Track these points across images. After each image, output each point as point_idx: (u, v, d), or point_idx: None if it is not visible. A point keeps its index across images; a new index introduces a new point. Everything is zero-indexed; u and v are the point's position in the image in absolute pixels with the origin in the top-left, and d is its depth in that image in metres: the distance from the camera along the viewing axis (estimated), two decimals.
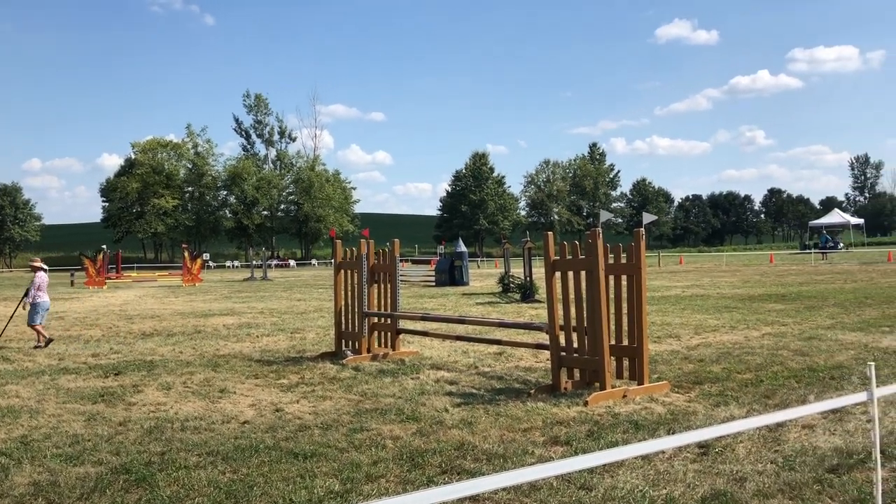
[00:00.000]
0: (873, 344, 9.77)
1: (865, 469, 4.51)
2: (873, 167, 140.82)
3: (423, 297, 22.40)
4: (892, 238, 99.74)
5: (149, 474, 4.90)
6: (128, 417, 6.61)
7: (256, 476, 4.84)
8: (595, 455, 2.82)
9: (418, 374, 8.48)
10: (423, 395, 7.25)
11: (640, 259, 7.17)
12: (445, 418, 6.28)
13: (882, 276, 24.70)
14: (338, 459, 5.16)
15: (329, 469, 4.95)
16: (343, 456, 5.24)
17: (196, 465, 5.12)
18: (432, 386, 7.78)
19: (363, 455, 5.24)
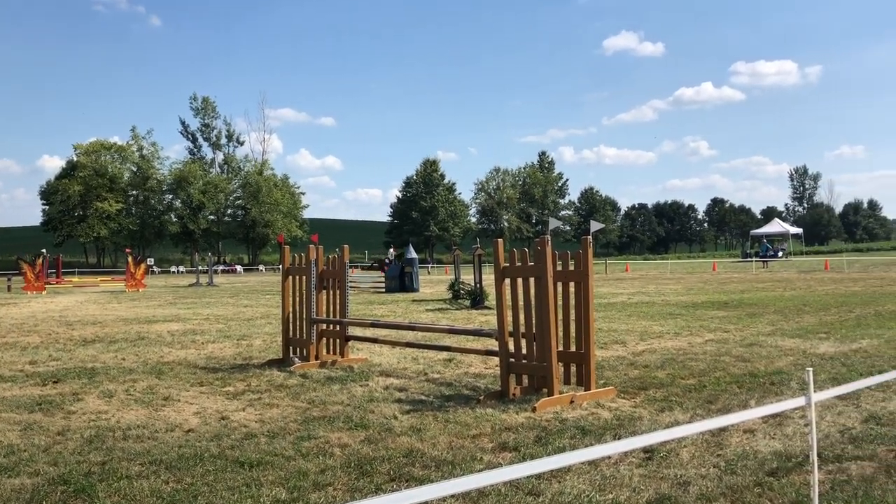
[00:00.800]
0: (811, 350, 10.06)
1: (803, 472, 4.64)
2: (811, 178, 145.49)
3: (373, 303, 22.31)
4: (829, 247, 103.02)
5: (88, 485, 4.76)
6: (67, 427, 6.42)
7: (201, 485, 4.75)
8: (543, 461, 2.84)
9: (367, 381, 8.44)
10: (371, 403, 7.22)
11: (588, 266, 7.27)
12: (394, 425, 6.26)
13: (819, 284, 25.47)
14: (284, 468, 5.10)
15: (276, 478, 4.88)
16: (290, 464, 5.18)
17: (138, 474, 5.00)
18: (381, 393, 7.75)
19: (310, 463, 5.19)
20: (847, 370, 8.39)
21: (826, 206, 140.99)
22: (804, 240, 78.82)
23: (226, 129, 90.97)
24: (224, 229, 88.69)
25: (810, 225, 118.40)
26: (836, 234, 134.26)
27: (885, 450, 5.21)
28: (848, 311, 15.49)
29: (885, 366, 8.46)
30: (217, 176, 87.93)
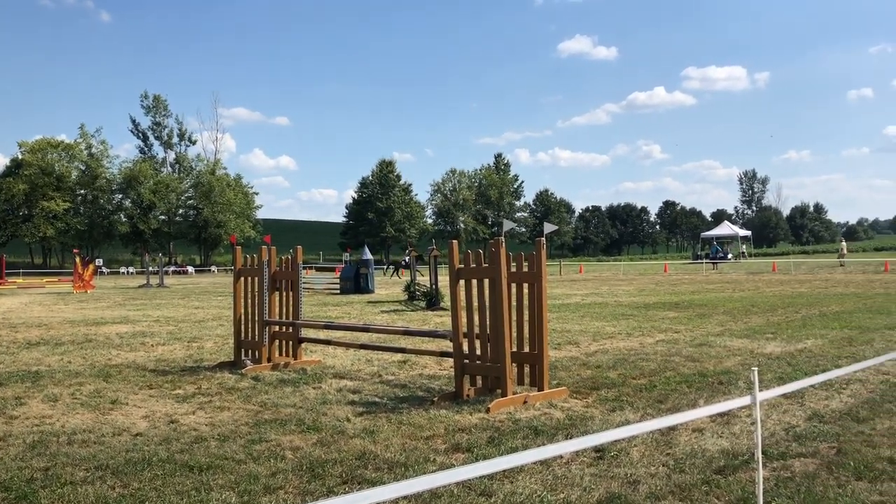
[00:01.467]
0: (758, 350, 10.29)
1: (749, 469, 4.74)
2: (760, 182, 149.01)
3: (328, 304, 22.16)
4: (777, 249, 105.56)
5: (30, 491, 4.64)
6: (9, 432, 6.24)
7: (149, 490, 4.66)
8: (494, 461, 2.85)
9: (320, 384, 8.37)
10: (324, 405, 7.16)
11: (542, 268, 7.32)
12: (347, 427, 6.22)
13: (767, 286, 26.07)
14: (235, 471, 5.03)
15: (226, 481, 4.81)
16: (241, 468, 5.11)
17: (83, 480, 4.88)
18: (334, 395, 7.70)
19: (262, 466, 5.12)
20: (792, 370, 8.60)
21: (774, 210, 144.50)
22: (753, 242, 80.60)
23: (177, 127, 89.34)
24: (175, 230, 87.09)
25: (759, 227, 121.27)
26: (783, 236, 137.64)
27: (827, 447, 5.35)
28: (794, 311, 15.88)
29: (829, 365, 8.70)
30: (168, 175, 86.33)
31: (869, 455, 5.08)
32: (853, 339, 11.04)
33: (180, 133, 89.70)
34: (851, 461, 4.94)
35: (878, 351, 9.74)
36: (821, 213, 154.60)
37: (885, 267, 37.20)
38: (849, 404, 6.68)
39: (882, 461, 4.94)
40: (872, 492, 4.39)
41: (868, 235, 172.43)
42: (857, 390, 7.29)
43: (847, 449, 5.25)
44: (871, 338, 11.17)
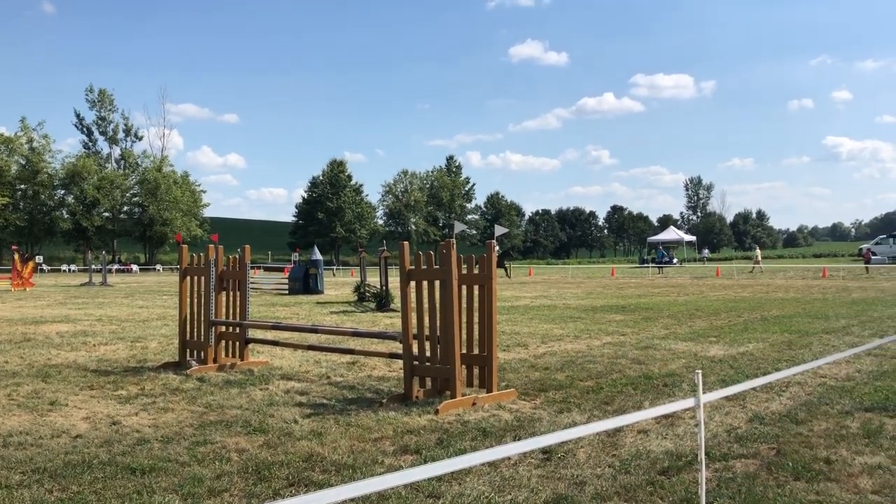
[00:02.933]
0: (702, 353, 10.50)
1: (692, 470, 4.83)
2: (705, 188, 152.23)
3: (276, 305, 21.90)
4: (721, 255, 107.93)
5: None
6: None
7: (88, 494, 4.54)
8: (443, 463, 2.84)
9: (267, 385, 8.27)
10: (271, 406, 7.07)
11: (492, 270, 7.35)
12: (294, 429, 6.15)
13: (711, 290, 26.63)
14: (179, 474, 4.93)
15: (169, 484, 4.72)
16: (184, 470, 5.01)
17: (20, 483, 4.73)
18: (282, 397, 7.61)
19: (206, 469, 5.03)
20: (735, 372, 8.79)
21: (718, 215, 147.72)
22: (697, 247, 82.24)
23: (123, 123, 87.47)
24: (120, 227, 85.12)
25: (703, 233, 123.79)
26: (727, 241, 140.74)
27: (767, 448, 5.48)
28: (737, 315, 16.26)
29: (770, 368, 8.92)
30: (113, 171, 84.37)
31: (806, 456, 5.23)
32: (793, 343, 11.35)
33: (126, 129, 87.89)
34: (790, 462, 5.08)
35: (816, 354, 10.02)
36: (763, 220, 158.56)
37: (823, 273, 38.36)
38: (788, 406, 6.86)
39: (819, 461, 5.08)
40: (809, 491, 4.51)
41: (808, 242, 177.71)
42: (796, 393, 7.50)
43: (786, 450, 5.38)
44: (810, 342, 11.50)
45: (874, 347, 9.26)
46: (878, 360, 9.40)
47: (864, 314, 16.02)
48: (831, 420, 6.29)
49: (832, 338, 11.96)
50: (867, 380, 8.10)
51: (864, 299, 20.63)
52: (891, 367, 8.79)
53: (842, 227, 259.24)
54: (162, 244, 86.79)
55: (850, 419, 6.30)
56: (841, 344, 11.10)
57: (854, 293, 23.40)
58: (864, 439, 5.65)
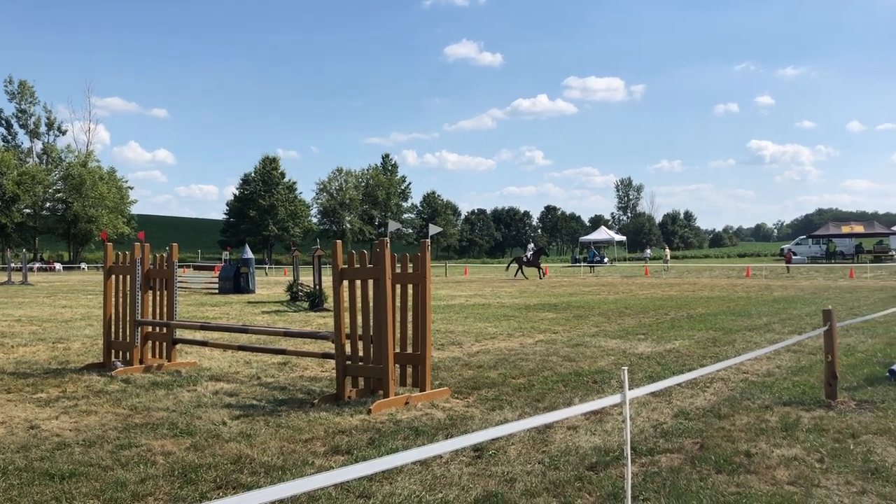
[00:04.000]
0: (630, 350, 10.73)
1: (619, 465, 4.93)
2: (635, 189, 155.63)
3: (206, 305, 21.46)
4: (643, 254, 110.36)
5: None
6: None
7: (3, 501, 4.36)
8: (372, 462, 2.83)
9: (195, 386, 8.09)
10: (199, 408, 6.92)
11: (426, 269, 7.36)
12: (223, 431, 6.04)
13: (640, 289, 27.23)
14: (101, 478, 4.78)
15: (90, 489, 4.57)
16: (107, 475, 4.87)
17: None
18: (210, 398, 7.45)
19: (130, 473, 4.89)
20: (662, 369, 9.01)
21: (647, 216, 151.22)
22: (627, 246, 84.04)
23: (45, 116, 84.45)
24: (42, 224, 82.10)
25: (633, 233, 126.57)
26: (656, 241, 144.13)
27: (691, 442, 5.64)
28: (664, 313, 16.66)
29: (695, 364, 9.18)
30: (35, 166, 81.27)
31: (728, 449, 5.39)
32: (717, 340, 11.70)
33: (48, 122, 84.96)
34: (713, 455, 5.23)
35: (739, 351, 10.35)
36: (690, 221, 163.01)
37: (746, 272, 39.66)
38: (712, 401, 7.07)
39: (740, 455, 5.25)
40: (730, 484, 4.65)
41: (733, 242, 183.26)
42: (720, 388, 7.73)
43: (709, 444, 5.55)
44: (734, 339, 11.87)
45: (793, 343, 9.61)
46: (797, 355, 9.77)
47: (785, 312, 16.63)
48: (752, 414, 6.50)
49: (754, 335, 12.37)
50: (786, 375, 8.41)
51: (784, 297, 21.41)
52: (808, 363, 9.15)
53: (765, 228, 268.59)
54: (87, 242, 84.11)
55: (770, 413, 6.53)
56: (762, 341, 11.49)
57: (776, 292, 24.27)
58: (782, 432, 5.86)
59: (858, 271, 36.61)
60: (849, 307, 17.27)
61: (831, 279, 32.33)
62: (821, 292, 23.52)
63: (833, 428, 5.96)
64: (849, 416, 6.33)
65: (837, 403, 6.79)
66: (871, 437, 5.67)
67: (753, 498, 4.37)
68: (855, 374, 8.32)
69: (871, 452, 5.27)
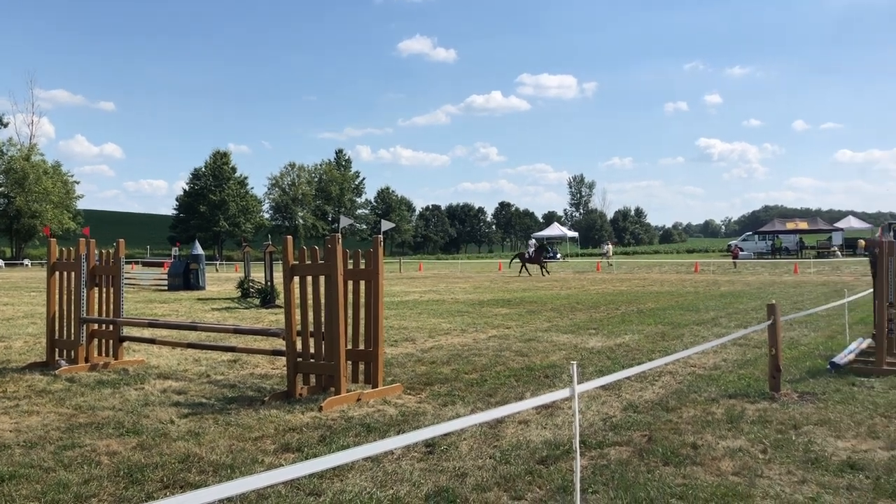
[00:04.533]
0: (581, 345, 10.85)
1: (569, 458, 4.98)
2: (587, 186, 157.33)
3: (154, 301, 21.06)
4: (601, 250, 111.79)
5: None
6: None
7: None
8: (321, 459, 2.80)
9: (143, 385, 7.94)
10: (146, 407, 6.79)
11: (378, 265, 7.33)
12: (171, 430, 5.93)
13: (591, 284, 27.55)
14: (42, 480, 4.66)
15: (31, 492, 4.45)
16: (49, 476, 4.74)
17: None
18: (158, 396, 7.32)
19: (73, 474, 4.78)
20: (611, 363, 9.13)
21: (599, 213, 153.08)
22: (580, 243, 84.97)
23: None
24: None
25: (585, 229, 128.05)
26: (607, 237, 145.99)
27: (639, 435, 5.73)
28: (615, 308, 16.89)
29: (644, 358, 9.32)
30: None
31: (675, 442, 5.49)
32: (666, 334, 11.90)
33: None
34: (660, 448, 5.32)
35: (687, 345, 10.55)
36: (641, 217, 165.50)
37: (695, 268, 40.42)
38: (660, 395, 7.19)
39: (686, 447, 5.35)
40: (677, 475, 4.74)
41: (682, 238, 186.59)
42: (668, 382, 7.87)
43: (657, 436, 5.64)
44: (682, 333, 12.09)
45: (739, 337, 9.83)
46: (743, 349, 10.00)
47: (731, 306, 16.99)
48: (699, 407, 6.63)
49: (702, 329, 12.62)
50: (732, 368, 8.59)
51: (731, 292, 21.88)
52: (753, 356, 9.36)
53: (713, 225, 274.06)
54: (31, 238, 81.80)
55: (716, 406, 6.66)
56: (710, 335, 11.73)
57: (723, 287, 24.78)
58: (728, 424, 5.99)
59: (802, 267, 37.59)
60: (793, 302, 17.73)
61: (776, 274, 33.15)
62: (766, 287, 24.10)
63: (776, 419, 6.11)
64: (791, 408, 6.50)
65: (781, 396, 6.97)
66: (812, 428, 5.83)
67: (699, 489, 4.46)
68: (798, 366, 8.55)
69: (812, 443, 5.43)
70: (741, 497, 4.32)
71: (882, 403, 6.62)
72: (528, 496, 4.40)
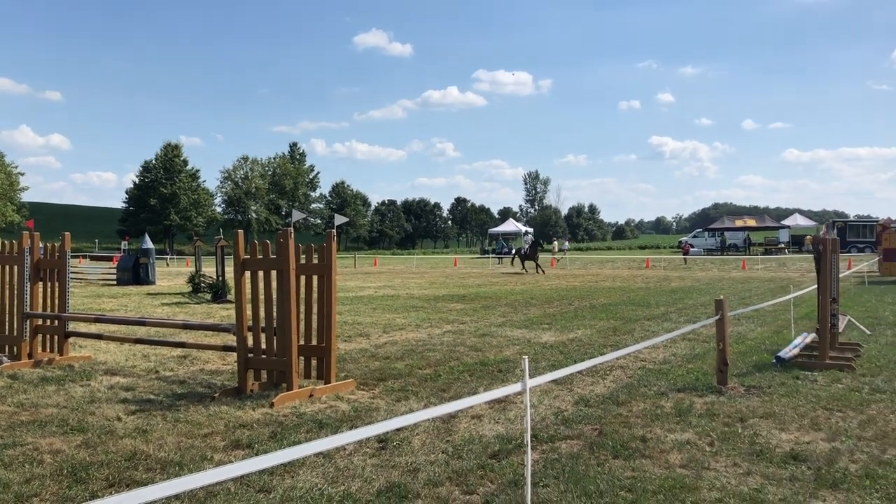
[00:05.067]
0: (535, 339, 10.93)
1: (521, 453, 5.00)
2: (542, 182, 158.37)
3: (103, 296, 20.60)
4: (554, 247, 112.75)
5: None
6: None
7: None
8: (272, 455, 2.77)
9: (89, 381, 7.76)
10: (92, 404, 6.64)
11: (331, 260, 7.27)
12: (117, 427, 5.81)
13: (545, 280, 27.77)
14: None
15: None
16: None
17: None
18: (105, 393, 7.16)
19: (14, 473, 4.65)
20: (564, 357, 9.21)
21: (554, 209, 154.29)
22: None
23: None
24: None
25: (540, 225, 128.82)
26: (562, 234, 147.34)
27: (590, 429, 5.79)
28: (568, 304, 17.06)
29: (596, 353, 9.43)
30: None
31: (625, 435, 5.57)
32: (617, 329, 12.06)
33: None
34: (610, 441, 5.39)
35: (637, 339, 10.70)
36: (594, 214, 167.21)
37: (646, 264, 41.04)
38: (611, 389, 7.28)
39: (636, 440, 5.43)
40: (627, 468, 4.81)
41: (634, 235, 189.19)
42: (619, 376, 7.97)
43: (607, 430, 5.71)
44: (633, 328, 12.26)
45: (688, 332, 10.02)
46: (692, 343, 10.18)
47: (681, 302, 17.30)
48: (648, 401, 6.74)
49: (652, 324, 12.82)
50: (681, 362, 8.74)
51: (681, 288, 22.27)
52: (702, 351, 9.54)
53: (664, 221, 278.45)
54: None
55: (665, 399, 6.77)
56: (660, 329, 11.92)
57: (673, 282, 25.21)
58: (676, 418, 6.09)
59: (750, 263, 38.44)
60: (741, 297, 18.12)
61: (725, 270, 33.84)
62: (715, 283, 24.58)
63: (723, 413, 6.23)
64: (738, 401, 6.64)
65: (728, 389, 7.11)
66: (757, 421, 5.97)
67: (647, 482, 4.53)
68: (745, 360, 8.74)
69: (758, 435, 5.55)
70: (688, 489, 4.40)
71: (824, 396, 6.81)
72: (480, 490, 4.42)
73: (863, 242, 50.73)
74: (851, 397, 6.77)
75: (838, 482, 4.51)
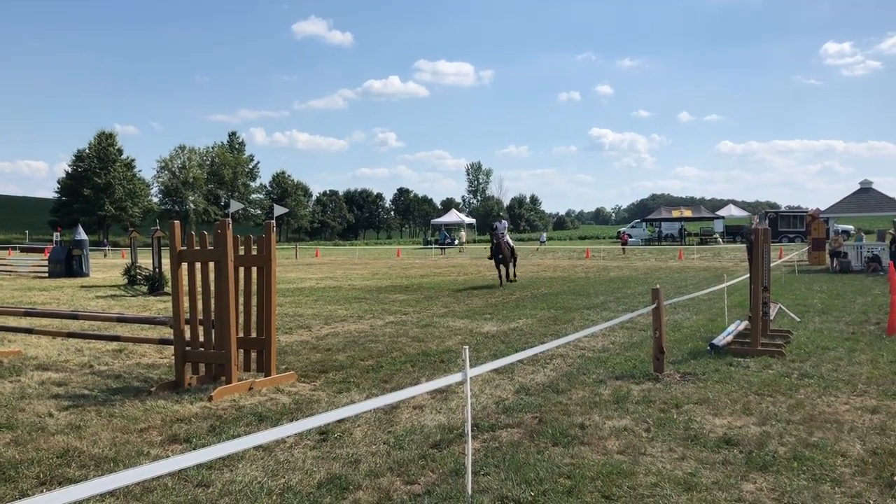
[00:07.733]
0: (477, 329, 11.00)
1: (462, 442, 5.04)
2: (484, 174, 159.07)
3: (34, 289, 19.95)
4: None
5: None
6: None
7: None
8: (209, 449, 2.74)
9: (19, 377, 7.52)
10: (23, 400, 6.44)
11: (271, 251, 7.18)
12: (49, 424, 5.65)
13: (487, 270, 27.93)
14: None
15: None
16: None
17: None
18: (35, 389, 6.95)
19: None
20: (506, 347, 9.30)
21: (496, 200, 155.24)
22: (477, 229, 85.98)
23: None
24: None
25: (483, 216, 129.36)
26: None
27: (530, 417, 5.87)
28: (509, 294, 17.21)
29: (537, 342, 9.54)
30: None
31: (565, 423, 5.66)
32: (558, 318, 12.22)
33: None
34: (550, 429, 5.47)
35: (577, 328, 10.86)
36: (535, 204, 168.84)
37: (586, 254, 41.66)
38: (551, 377, 7.38)
39: (575, 427, 5.52)
40: (566, 455, 4.89)
41: (574, 225, 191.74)
42: (559, 364, 8.09)
43: (547, 418, 5.80)
44: (573, 317, 12.45)
45: (626, 321, 10.21)
46: (630, 332, 10.39)
47: (620, 291, 17.62)
48: (587, 388, 6.85)
49: (592, 313, 13.04)
50: (619, 350, 8.92)
51: (620, 277, 22.69)
52: (640, 339, 9.75)
53: (604, 212, 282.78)
54: None
55: (603, 387, 6.90)
56: (599, 318, 12.13)
57: (612, 272, 25.66)
58: (614, 405, 6.22)
59: (686, 253, 39.36)
60: (677, 286, 18.55)
61: (662, 260, 34.59)
62: (652, 272, 25.11)
63: (659, 399, 6.39)
64: (674, 388, 6.81)
65: (664, 376, 7.28)
66: (692, 407, 6.13)
67: (586, 468, 4.61)
68: (680, 348, 8.96)
69: (692, 421, 5.70)
70: (625, 474, 4.50)
71: (756, 382, 7.03)
72: (421, 480, 4.44)
73: (793, 232, 52.42)
74: (781, 382, 7.01)
75: (768, 465, 4.67)
